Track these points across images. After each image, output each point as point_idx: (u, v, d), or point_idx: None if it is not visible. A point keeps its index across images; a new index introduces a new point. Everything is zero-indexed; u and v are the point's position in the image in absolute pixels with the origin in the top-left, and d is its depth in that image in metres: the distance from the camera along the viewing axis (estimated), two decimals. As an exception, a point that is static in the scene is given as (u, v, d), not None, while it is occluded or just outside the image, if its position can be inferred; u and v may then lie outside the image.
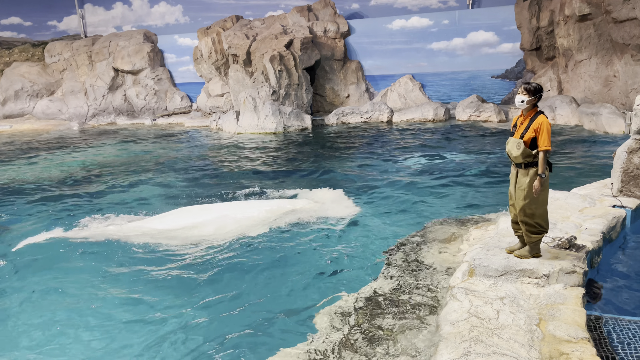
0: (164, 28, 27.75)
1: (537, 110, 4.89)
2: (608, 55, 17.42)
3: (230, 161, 14.42)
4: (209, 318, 5.42)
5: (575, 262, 4.84)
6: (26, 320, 5.60)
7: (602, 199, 6.91)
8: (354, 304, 5.16)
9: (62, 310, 5.76)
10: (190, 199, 10.30)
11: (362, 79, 23.51)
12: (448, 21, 22.31)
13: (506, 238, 5.56)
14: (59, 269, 6.86)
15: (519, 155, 4.81)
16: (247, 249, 7.26)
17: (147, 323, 5.41)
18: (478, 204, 9.01)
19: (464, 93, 21.94)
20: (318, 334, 4.73)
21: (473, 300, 4.49)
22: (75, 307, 5.80)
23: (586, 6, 17.17)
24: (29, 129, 24.80)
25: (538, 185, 4.76)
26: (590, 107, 16.40)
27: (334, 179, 11.51)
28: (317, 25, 22.96)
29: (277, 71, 20.49)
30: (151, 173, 13.18)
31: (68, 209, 9.98)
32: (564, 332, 3.92)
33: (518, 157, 4.82)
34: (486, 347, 3.74)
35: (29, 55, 28.52)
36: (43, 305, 5.88)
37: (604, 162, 11.36)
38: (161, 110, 26.17)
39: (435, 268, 5.91)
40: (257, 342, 4.90)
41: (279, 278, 6.36)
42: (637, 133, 6.77)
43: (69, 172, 13.96)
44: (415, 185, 10.59)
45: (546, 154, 4.74)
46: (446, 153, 13.81)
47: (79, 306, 5.82)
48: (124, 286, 6.29)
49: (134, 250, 7.39)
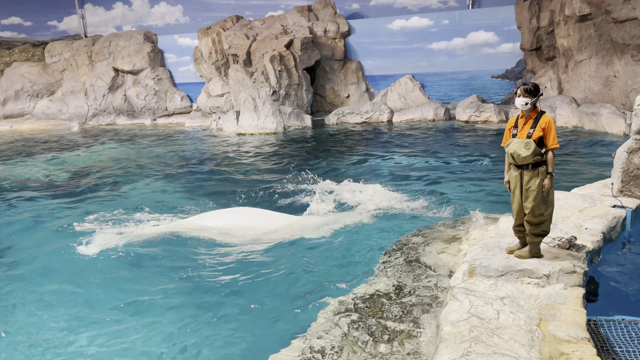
0: (164, 28, 27.75)
1: (539, 109, 4.89)
2: (608, 56, 17.42)
3: (231, 162, 14.42)
4: (208, 316, 5.43)
5: (575, 262, 4.84)
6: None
7: (602, 199, 6.91)
8: (354, 304, 5.16)
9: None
10: (196, 199, 10.30)
11: (362, 79, 23.51)
12: (448, 21, 22.31)
13: (506, 238, 5.56)
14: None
15: (529, 155, 4.76)
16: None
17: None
18: (479, 204, 9.00)
19: (464, 93, 21.94)
20: (318, 333, 4.72)
21: (473, 300, 4.48)
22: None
23: (586, 6, 17.17)
24: (29, 129, 24.81)
25: (549, 184, 4.76)
26: (590, 107, 16.40)
27: (333, 178, 11.49)
28: (317, 26, 22.96)
29: (277, 71, 20.49)
30: (151, 173, 13.18)
31: (69, 209, 9.98)
32: (564, 332, 3.92)
33: (527, 158, 4.77)
34: (486, 347, 3.74)
35: (29, 55, 28.52)
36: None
37: (604, 162, 11.36)
38: (161, 111, 26.17)
39: (435, 268, 5.91)
40: (257, 342, 4.91)
41: (278, 277, 6.36)
42: (637, 133, 6.77)
43: (67, 171, 13.96)
44: (416, 186, 10.59)
45: (554, 152, 4.77)
46: (446, 153, 13.81)
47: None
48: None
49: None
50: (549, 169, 4.79)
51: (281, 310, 5.50)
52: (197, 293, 6.05)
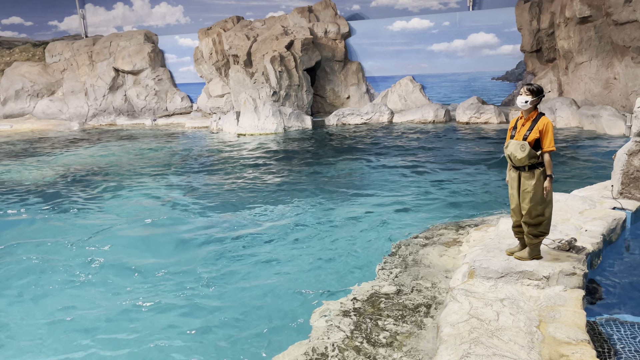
0: (164, 28, 27.77)
1: (539, 111, 4.89)
2: (608, 58, 17.43)
3: (230, 162, 14.42)
4: (208, 316, 5.43)
5: (575, 264, 4.84)
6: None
7: (602, 201, 6.91)
8: (354, 304, 5.16)
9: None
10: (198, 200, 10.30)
11: (362, 80, 23.52)
12: (449, 23, 22.32)
13: (506, 240, 5.56)
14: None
15: (524, 157, 4.76)
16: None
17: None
18: (479, 206, 9.01)
19: (464, 95, 21.94)
20: (318, 333, 4.72)
21: (473, 301, 4.48)
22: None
23: (587, 8, 17.19)
24: (29, 128, 24.81)
25: (549, 186, 4.76)
26: (590, 109, 16.41)
27: (333, 180, 11.51)
28: (318, 26, 22.97)
29: (277, 72, 20.50)
30: (150, 173, 13.18)
31: (70, 209, 9.99)
32: (564, 334, 3.92)
33: (523, 160, 4.78)
34: (486, 349, 3.74)
35: (29, 55, 28.53)
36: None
37: (604, 164, 11.36)
38: (161, 111, 26.18)
39: (435, 269, 5.91)
40: (257, 341, 4.90)
41: (277, 278, 6.36)
42: (638, 135, 6.78)
43: (67, 171, 13.96)
44: (416, 186, 10.59)
45: (551, 154, 4.76)
46: (446, 155, 13.81)
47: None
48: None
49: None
50: (548, 171, 4.79)
51: (281, 312, 5.50)
52: (197, 293, 6.05)
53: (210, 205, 9.81)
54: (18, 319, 5.67)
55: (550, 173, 4.78)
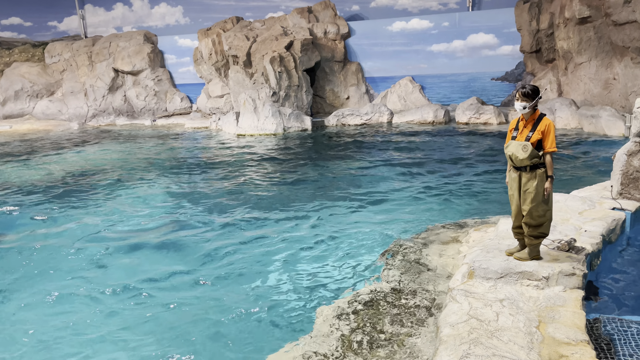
0: (164, 29, 27.77)
1: (539, 112, 4.89)
2: (608, 58, 17.44)
3: (231, 164, 14.42)
4: (208, 317, 5.43)
5: (574, 265, 4.84)
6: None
7: (601, 201, 6.91)
8: (354, 305, 5.16)
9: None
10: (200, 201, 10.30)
11: (362, 81, 23.53)
12: (448, 23, 22.33)
13: (506, 240, 5.56)
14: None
15: (526, 157, 4.77)
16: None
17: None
18: (478, 206, 9.01)
19: (463, 95, 21.95)
20: (318, 334, 4.72)
21: (472, 302, 4.49)
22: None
23: (586, 9, 17.20)
24: (29, 129, 24.79)
25: (550, 187, 4.77)
26: (590, 110, 16.42)
27: (333, 180, 11.51)
28: (318, 27, 22.98)
29: (277, 72, 20.50)
30: (150, 174, 13.17)
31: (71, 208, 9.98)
32: (563, 335, 3.93)
33: (524, 160, 4.79)
34: (485, 349, 3.74)
35: (29, 56, 28.52)
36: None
37: (603, 164, 11.36)
38: (161, 111, 26.17)
39: (434, 270, 5.92)
40: (257, 342, 4.90)
41: (277, 279, 6.36)
42: (637, 136, 6.78)
43: (66, 171, 13.96)
44: (415, 187, 10.60)
45: (552, 155, 4.77)
46: (445, 155, 13.81)
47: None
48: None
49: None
50: (549, 172, 4.79)
51: (280, 313, 5.50)
52: (197, 293, 6.05)
53: (209, 206, 9.81)
54: (17, 318, 5.66)
55: (551, 174, 4.78)
